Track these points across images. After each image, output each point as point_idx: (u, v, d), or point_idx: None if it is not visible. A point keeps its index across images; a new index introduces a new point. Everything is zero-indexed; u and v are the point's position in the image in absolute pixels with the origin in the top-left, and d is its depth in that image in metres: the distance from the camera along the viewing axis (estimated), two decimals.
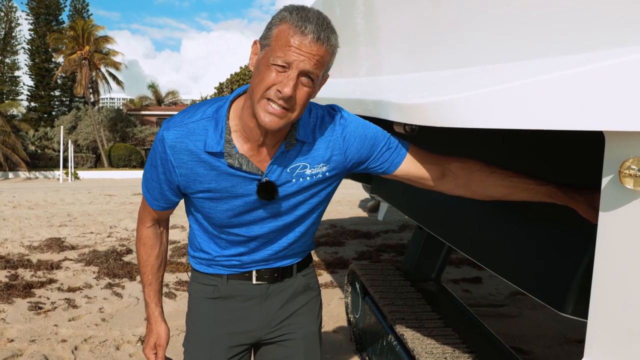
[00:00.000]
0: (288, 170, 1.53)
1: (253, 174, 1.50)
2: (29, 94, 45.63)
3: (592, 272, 1.09)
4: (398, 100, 1.54)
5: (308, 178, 1.55)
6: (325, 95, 2.51)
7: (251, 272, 1.72)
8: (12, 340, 3.94)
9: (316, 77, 1.37)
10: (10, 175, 31.94)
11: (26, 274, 5.71)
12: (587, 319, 1.33)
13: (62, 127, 32.00)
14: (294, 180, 1.54)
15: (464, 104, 1.15)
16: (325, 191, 1.64)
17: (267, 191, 1.51)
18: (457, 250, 2.12)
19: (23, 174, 32.25)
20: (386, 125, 1.64)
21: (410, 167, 1.62)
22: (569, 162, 1.59)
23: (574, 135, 1.09)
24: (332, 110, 1.60)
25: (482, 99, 1.09)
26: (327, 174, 1.58)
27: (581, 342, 3.93)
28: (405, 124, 1.56)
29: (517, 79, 1.03)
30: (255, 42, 1.44)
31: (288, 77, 1.34)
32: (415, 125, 1.54)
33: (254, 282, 1.73)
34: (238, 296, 1.75)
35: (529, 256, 1.67)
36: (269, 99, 1.36)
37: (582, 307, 1.37)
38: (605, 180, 1.02)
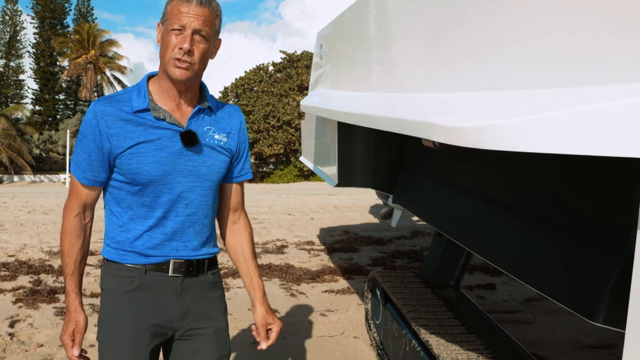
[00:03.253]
0: (204, 130, 1.88)
1: (175, 126, 1.81)
2: (33, 97, 45.81)
3: (624, 282, 1.14)
4: (442, 122, 1.57)
5: (216, 141, 1.90)
6: (358, 110, 2.53)
7: (168, 262, 1.87)
8: (42, 345, 4.04)
9: (207, 34, 1.76)
10: (16, 178, 32.12)
11: (49, 280, 5.82)
12: (618, 327, 1.40)
13: (68, 130, 32.15)
14: (207, 139, 1.88)
15: (511, 130, 1.17)
16: (224, 161, 1.94)
17: (190, 137, 1.82)
18: (487, 260, 2.18)
19: (28, 177, 32.42)
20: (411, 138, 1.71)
21: (238, 188, 2.08)
22: (599, 185, 1.65)
23: (606, 160, 1.14)
24: (231, 104, 2.05)
25: (530, 125, 1.11)
26: (226, 145, 1.94)
27: (595, 347, 4.06)
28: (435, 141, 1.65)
29: (565, 106, 1.06)
30: (158, 24, 1.82)
31: (185, 36, 1.73)
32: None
33: (171, 274, 1.87)
34: (154, 287, 1.87)
35: (558, 265, 1.72)
36: (175, 59, 1.73)
37: (613, 316, 1.42)
38: None
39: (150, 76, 1.89)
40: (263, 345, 2.04)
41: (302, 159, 5.26)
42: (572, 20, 1.18)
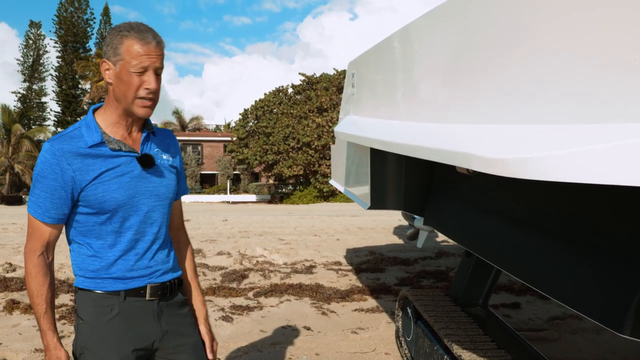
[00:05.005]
0: (155, 152, 2.01)
1: (131, 152, 1.92)
2: (55, 119, 46.44)
3: None
4: (483, 153, 1.59)
5: (165, 161, 2.04)
6: (396, 139, 2.65)
7: (146, 287, 1.97)
8: None
9: (162, 70, 1.88)
10: None
11: None
12: None
13: None
14: (159, 160, 2.01)
15: (551, 161, 1.25)
16: (175, 179, 2.10)
17: (147, 159, 1.95)
18: (518, 279, 2.25)
19: None
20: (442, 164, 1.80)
21: (178, 205, 2.24)
22: (629, 207, 1.73)
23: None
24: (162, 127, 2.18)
25: (569, 157, 1.20)
26: (174, 163, 2.09)
27: None
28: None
29: (601, 140, 1.15)
30: (104, 61, 1.85)
31: (149, 76, 1.83)
32: None
33: (148, 298, 1.97)
34: (134, 313, 1.96)
35: (586, 281, 1.79)
36: (140, 98, 1.84)
37: None
38: None
39: (95, 109, 1.97)
40: (210, 356, 2.18)
41: (332, 182, 5.43)
42: (607, 56, 1.23)
